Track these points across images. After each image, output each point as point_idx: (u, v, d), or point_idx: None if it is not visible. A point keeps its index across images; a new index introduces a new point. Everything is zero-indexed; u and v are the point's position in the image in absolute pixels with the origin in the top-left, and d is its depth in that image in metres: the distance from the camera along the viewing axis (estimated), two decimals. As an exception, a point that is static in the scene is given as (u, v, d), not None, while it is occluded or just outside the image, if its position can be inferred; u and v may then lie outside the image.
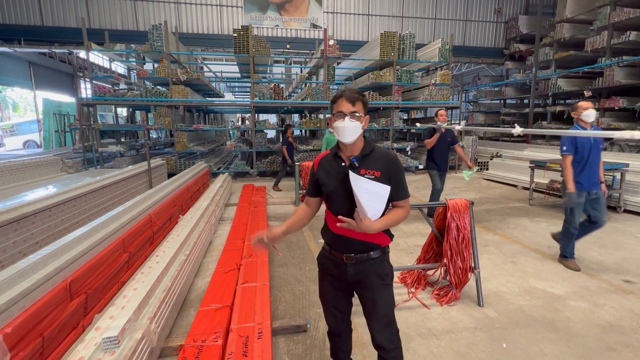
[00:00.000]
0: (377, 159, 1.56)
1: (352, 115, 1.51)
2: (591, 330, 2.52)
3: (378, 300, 1.60)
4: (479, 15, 16.36)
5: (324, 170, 1.63)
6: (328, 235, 1.67)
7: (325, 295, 1.75)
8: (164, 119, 9.23)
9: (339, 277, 1.65)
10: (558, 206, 6.23)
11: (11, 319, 1.71)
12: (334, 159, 1.62)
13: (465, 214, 2.90)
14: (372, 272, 1.59)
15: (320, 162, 1.68)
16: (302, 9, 14.34)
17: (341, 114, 1.51)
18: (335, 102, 1.57)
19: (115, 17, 13.12)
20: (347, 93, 1.54)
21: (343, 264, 1.60)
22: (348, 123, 1.50)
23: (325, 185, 1.60)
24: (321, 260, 1.74)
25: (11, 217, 2.97)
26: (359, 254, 1.58)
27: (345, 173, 1.51)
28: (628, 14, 10.00)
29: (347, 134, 1.51)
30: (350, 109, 1.51)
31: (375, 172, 1.52)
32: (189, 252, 3.26)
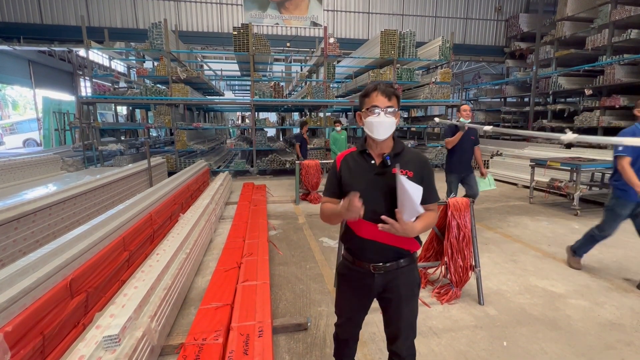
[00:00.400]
0: (410, 159, 1.48)
1: (387, 111, 1.41)
2: (592, 329, 2.52)
3: (404, 311, 1.52)
4: (479, 13, 16.32)
5: (350, 168, 1.50)
6: (352, 242, 1.52)
7: (344, 308, 1.64)
8: (164, 117, 9.22)
9: (363, 289, 1.54)
10: (559, 205, 6.23)
11: (12, 317, 1.71)
12: (360, 157, 1.51)
13: (466, 213, 2.90)
14: (402, 282, 1.50)
15: (344, 160, 1.54)
16: (302, 7, 14.30)
17: (376, 109, 1.41)
18: (368, 95, 1.45)
19: (115, 15, 13.09)
20: (383, 87, 1.43)
21: (369, 275, 1.49)
22: (384, 119, 1.40)
23: (352, 185, 1.45)
24: (343, 271, 1.60)
25: (11, 215, 2.96)
26: (388, 262, 1.47)
27: (376, 172, 1.44)
28: (629, 11, 9.97)
29: (381, 131, 1.41)
30: (386, 104, 1.41)
31: (408, 171, 1.43)
32: (189, 250, 3.26)
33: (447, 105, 10.92)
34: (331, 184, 1.56)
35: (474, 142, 4.58)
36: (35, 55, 14.86)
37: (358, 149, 1.53)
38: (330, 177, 1.57)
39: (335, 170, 1.54)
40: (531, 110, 13.32)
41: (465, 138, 4.45)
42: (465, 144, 4.50)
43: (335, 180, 1.53)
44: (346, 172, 1.50)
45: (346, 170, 1.51)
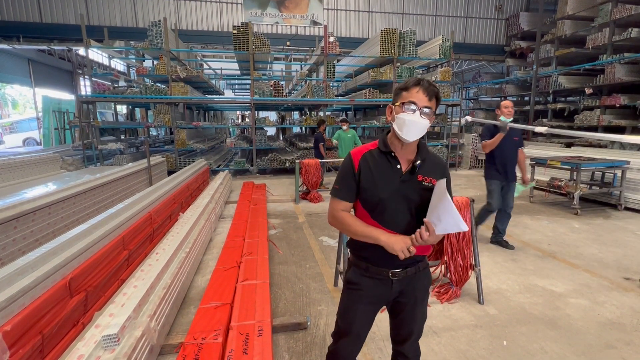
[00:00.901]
0: (433, 165, 1.37)
1: (424, 112, 1.26)
2: (592, 328, 2.51)
3: (417, 314, 1.46)
4: (479, 12, 16.29)
5: (371, 170, 1.34)
6: (368, 251, 1.37)
7: (354, 323, 1.45)
8: (164, 116, 9.21)
9: (378, 297, 1.42)
10: (559, 204, 6.23)
11: (11, 316, 1.70)
12: (383, 158, 1.35)
13: (466, 212, 2.89)
14: (419, 286, 1.43)
15: (363, 159, 1.36)
16: (302, 6, 14.27)
17: (412, 106, 1.26)
18: (407, 89, 1.29)
19: (115, 14, 13.06)
20: (426, 83, 1.27)
21: (386, 281, 1.38)
22: (418, 119, 1.26)
23: (374, 191, 1.32)
24: (355, 280, 1.43)
25: (11, 214, 2.96)
26: (408, 267, 1.38)
27: (402, 179, 1.32)
28: (630, 10, 9.94)
29: (413, 131, 1.27)
30: (425, 103, 1.27)
31: (432, 179, 1.33)
32: (189, 249, 3.26)
33: (448, 104, 10.90)
34: (347, 185, 1.37)
35: (518, 144, 3.91)
36: (35, 54, 14.84)
37: (380, 148, 1.37)
38: (346, 177, 1.38)
39: (353, 169, 1.36)
40: (531, 109, 13.31)
41: (507, 140, 3.76)
42: (507, 147, 3.82)
43: (353, 181, 1.36)
44: (367, 173, 1.34)
45: (367, 172, 1.34)
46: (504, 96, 16.69)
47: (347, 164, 1.38)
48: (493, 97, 17.86)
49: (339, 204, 1.38)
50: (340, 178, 1.40)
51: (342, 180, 1.39)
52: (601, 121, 10.79)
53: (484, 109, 17.89)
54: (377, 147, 1.38)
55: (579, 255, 3.88)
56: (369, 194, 1.34)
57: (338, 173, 1.43)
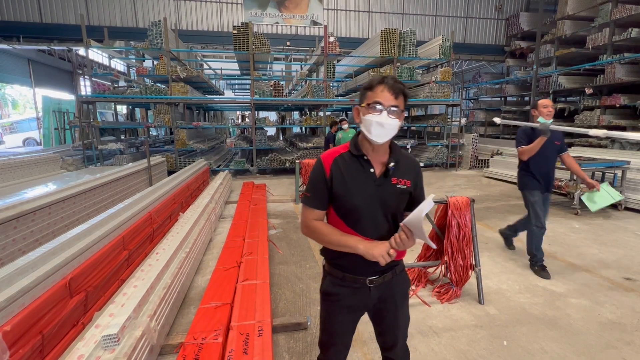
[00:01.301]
0: (407, 166, 1.32)
1: (392, 111, 1.20)
2: (592, 328, 2.51)
3: (400, 318, 1.43)
4: (479, 12, 16.30)
5: (343, 176, 1.27)
6: (343, 259, 1.31)
7: (334, 332, 1.43)
8: (164, 116, 9.21)
9: (356, 305, 1.39)
10: (559, 204, 6.22)
11: (11, 316, 1.70)
12: (355, 162, 1.28)
13: (466, 212, 2.89)
14: (398, 290, 1.40)
15: (334, 163, 1.29)
16: (302, 6, 14.28)
17: (378, 106, 1.20)
18: (371, 88, 1.23)
19: (115, 14, 13.07)
20: (390, 81, 1.21)
21: (364, 289, 1.34)
22: (386, 119, 1.19)
23: (348, 198, 1.26)
24: (331, 290, 1.39)
25: (11, 214, 2.96)
26: (385, 273, 1.34)
27: (378, 183, 1.26)
28: (630, 10, 9.96)
29: (382, 133, 1.21)
30: (391, 102, 1.20)
31: (407, 181, 1.29)
32: (189, 249, 3.26)
33: (448, 104, 10.90)
34: (319, 192, 1.29)
35: (559, 149, 3.34)
36: (35, 54, 14.84)
37: (351, 151, 1.29)
38: (317, 183, 1.29)
39: (324, 175, 1.28)
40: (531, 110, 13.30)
41: (548, 145, 3.19)
42: (547, 152, 3.27)
43: (325, 188, 1.28)
44: (339, 179, 1.27)
45: (339, 177, 1.27)
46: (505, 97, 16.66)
47: (318, 170, 1.30)
48: (493, 97, 17.87)
49: (311, 213, 1.31)
50: (311, 185, 1.31)
51: (313, 187, 1.30)
52: (601, 121, 10.80)
53: (484, 109, 17.90)
54: (349, 150, 1.30)
55: (579, 256, 3.87)
56: (342, 201, 1.27)
57: (309, 179, 1.34)
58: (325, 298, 1.43)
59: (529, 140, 3.28)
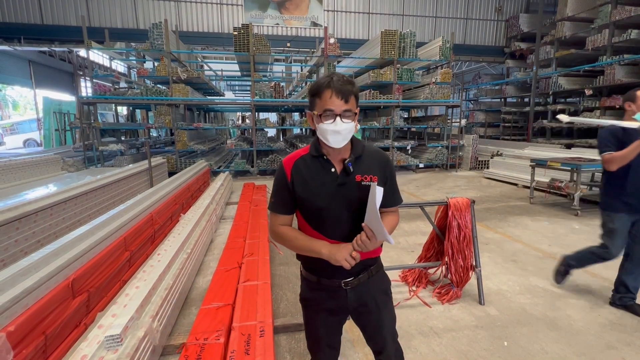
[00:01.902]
0: (371, 161, 1.28)
1: (345, 115, 1.16)
2: (592, 329, 2.52)
3: (385, 319, 1.39)
4: (479, 14, 16.33)
5: (304, 178, 1.25)
6: (314, 262, 1.28)
7: (318, 337, 1.42)
8: (165, 117, 9.23)
9: (336, 309, 1.36)
10: (559, 205, 6.24)
11: (14, 317, 1.72)
12: (316, 162, 1.26)
13: (467, 213, 2.90)
14: (377, 290, 1.37)
15: (295, 167, 1.26)
16: (303, 7, 14.31)
17: (331, 114, 1.15)
18: (319, 95, 1.17)
19: (115, 15, 13.10)
20: (338, 84, 1.15)
21: (341, 292, 1.31)
22: (341, 126, 1.15)
23: (310, 201, 1.24)
24: (308, 296, 1.39)
25: (13, 215, 2.97)
26: (360, 274, 1.32)
27: (338, 182, 1.23)
28: (629, 12, 9.98)
29: (340, 139, 1.18)
30: (343, 107, 1.15)
31: (373, 176, 1.25)
32: (190, 250, 3.27)
33: (448, 105, 10.92)
34: (282, 196, 1.28)
35: None
36: (36, 56, 14.87)
37: (311, 152, 1.27)
38: (280, 189, 1.28)
39: (286, 180, 1.26)
40: (531, 111, 13.33)
41: None
42: None
43: (288, 192, 1.26)
44: (300, 182, 1.25)
45: (300, 181, 1.25)
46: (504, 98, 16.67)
47: (280, 175, 1.28)
48: (493, 99, 17.90)
49: (277, 219, 1.30)
50: (275, 190, 1.30)
51: (277, 193, 1.30)
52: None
53: (483, 110, 17.93)
54: (309, 153, 1.27)
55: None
56: (306, 204, 1.25)
57: (273, 185, 1.33)
58: (305, 304, 1.43)
59: (619, 144, 2.47)
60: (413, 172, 10.55)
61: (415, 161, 10.55)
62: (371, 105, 11.09)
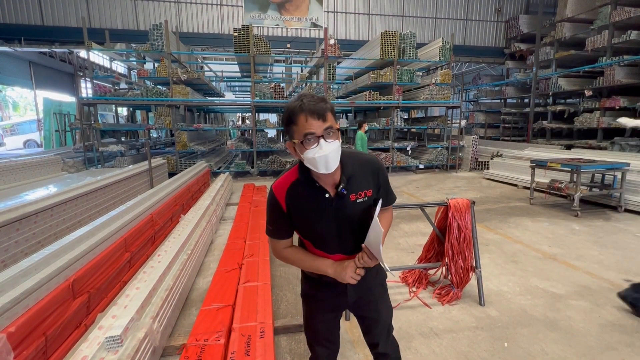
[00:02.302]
0: (362, 175, 1.24)
1: (328, 134, 1.09)
2: (592, 330, 2.52)
3: (382, 310, 1.45)
4: (479, 15, 16.35)
5: (300, 206, 1.23)
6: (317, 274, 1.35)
7: (317, 331, 1.47)
8: (165, 118, 9.24)
9: (337, 304, 1.42)
10: (559, 206, 6.24)
11: (15, 318, 1.72)
12: (308, 189, 1.22)
13: (467, 214, 2.90)
14: (373, 283, 1.41)
15: (288, 196, 1.23)
16: (303, 8, 14.33)
17: (312, 137, 1.08)
18: (294, 121, 1.10)
19: (116, 17, 13.12)
20: (310, 105, 1.07)
21: (341, 287, 1.35)
22: (327, 148, 1.08)
23: (310, 227, 1.25)
24: (310, 293, 1.43)
25: (13, 216, 2.97)
26: None
27: (336, 206, 1.22)
28: (629, 13, 10.00)
29: (330, 162, 1.10)
30: (323, 126, 1.08)
31: (367, 191, 1.24)
32: (190, 251, 3.27)
33: (448, 106, 10.93)
34: (280, 225, 1.28)
35: None
36: (36, 57, 14.89)
37: (301, 179, 1.23)
38: (276, 218, 1.27)
39: (281, 209, 1.24)
40: (531, 112, 13.34)
41: None
42: None
43: (283, 219, 1.26)
44: (297, 213, 1.24)
45: (296, 211, 1.23)
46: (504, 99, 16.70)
47: (273, 203, 1.26)
48: (493, 99, 17.91)
49: (278, 244, 1.33)
50: (271, 219, 1.29)
51: (274, 222, 1.29)
52: (601, 123, 10.82)
53: (484, 111, 17.94)
54: (298, 179, 1.24)
55: (579, 257, 3.88)
56: (306, 231, 1.28)
57: (267, 212, 1.31)
58: (306, 300, 1.48)
59: None
60: (413, 173, 10.56)
61: (415, 162, 10.55)
62: (371, 106, 11.10)
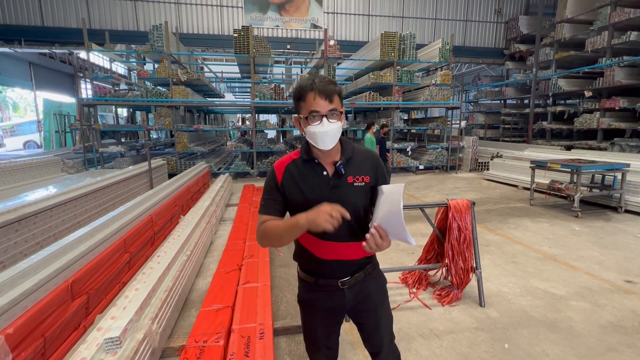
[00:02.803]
0: (362, 161, 1.29)
1: (331, 114, 1.18)
2: (593, 331, 2.51)
3: (382, 317, 1.41)
4: (479, 16, 16.37)
5: (296, 182, 1.25)
6: (311, 263, 1.33)
7: (316, 337, 1.43)
8: (165, 119, 9.24)
9: (333, 309, 1.37)
10: (559, 206, 6.23)
11: (13, 319, 1.71)
12: (307, 166, 1.27)
13: (467, 214, 2.90)
14: (373, 288, 1.38)
15: (286, 170, 1.28)
16: (303, 9, 14.34)
17: (317, 115, 1.17)
18: (303, 98, 1.18)
19: (116, 18, 13.14)
20: (320, 85, 1.16)
21: (338, 291, 1.32)
22: (328, 126, 1.17)
23: (303, 203, 1.21)
24: (306, 297, 1.40)
25: (12, 217, 2.96)
26: (356, 273, 1.33)
27: (332, 185, 1.23)
28: (628, 14, 10.01)
29: (328, 140, 1.18)
30: (328, 107, 1.17)
31: (365, 177, 1.26)
32: (190, 252, 3.26)
33: (448, 107, 10.93)
34: (272, 200, 1.27)
35: None
36: (36, 58, 14.91)
37: (302, 156, 1.28)
38: (270, 191, 1.28)
39: (276, 183, 1.27)
40: (531, 112, 13.34)
41: None
42: None
43: (277, 194, 1.27)
44: (292, 186, 1.25)
45: (292, 184, 1.25)
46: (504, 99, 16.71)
47: (270, 178, 1.29)
48: (493, 100, 17.92)
49: (263, 219, 1.27)
50: (265, 193, 1.30)
51: (267, 196, 1.29)
52: (601, 124, 10.82)
53: (483, 112, 17.94)
54: (300, 157, 1.29)
55: (579, 258, 3.88)
56: (299, 208, 1.21)
57: (263, 188, 1.33)
58: (303, 305, 1.43)
59: None
60: (413, 173, 10.55)
61: (415, 163, 10.55)
62: (371, 106, 11.10)
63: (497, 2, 16.38)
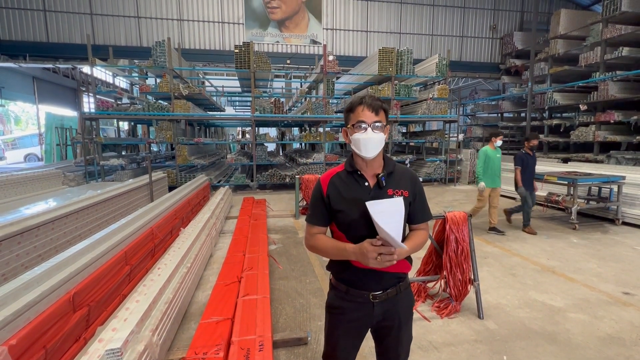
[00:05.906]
0: (402, 177, 1.38)
1: (375, 126, 1.30)
2: (591, 343, 2.52)
3: (403, 337, 1.43)
4: (475, 32, 16.73)
5: (339, 192, 1.35)
6: (347, 272, 1.37)
7: (338, 346, 1.43)
8: (166, 132, 9.34)
9: (361, 320, 1.39)
10: (557, 218, 6.27)
11: (16, 330, 1.73)
12: (350, 178, 1.37)
13: (464, 227, 2.94)
14: (401, 307, 1.41)
15: (331, 183, 1.38)
16: (302, 26, 14.67)
17: (362, 125, 1.30)
18: (353, 110, 1.33)
19: (120, 34, 13.40)
20: (369, 100, 1.31)
21: (368, 304, 1.36)
22: (372, 135, 1.29)
23: (344, 212, 1.32)
24: (336, 304, 1.42)
25: (14, 230, 2.99)
26: (389, 288, 1.37)
27: (371, 195, 1.31)
28: (619, 30, 10.26)
29: (370, 148, 1.29)
30: (373, 119, 1.30)
31: (404, 191, 1.34)
32: (190, 264, 3.28)
33: (445, 120, 11.07)
34: (318, 211, 1.38)
35: None
36: (40, 72, 15.14)
37: (346, 168, 1.38)
38: (316, 202, 1.39)
39: (322, 194, 1.37)
40: (528, 125, 13.48)
41: None
42: None
43: (323, 205, 1.37)
44: (336, 196, 1.35)
45: (336, 195, 1.35)
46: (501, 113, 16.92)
47: (317, 190, 1.40)
48: (490, 114, 18.14)
49: (312, 229, 1.40)
50: (312, 204, 1.42)
51: (313, 207, 1.40)
52: (597, 137, 10.94)
53: (481, 125, 18.13)
54: (344, 169, 1.39)
55: (577, 270, 3.90)
56: (340, 216, 1.34)
57: (310, 199, 1.45)
58: (330, 311, 1.46)
59: None
60: (412, 186, 10.59)
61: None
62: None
63: (492, 18, 16.77)
